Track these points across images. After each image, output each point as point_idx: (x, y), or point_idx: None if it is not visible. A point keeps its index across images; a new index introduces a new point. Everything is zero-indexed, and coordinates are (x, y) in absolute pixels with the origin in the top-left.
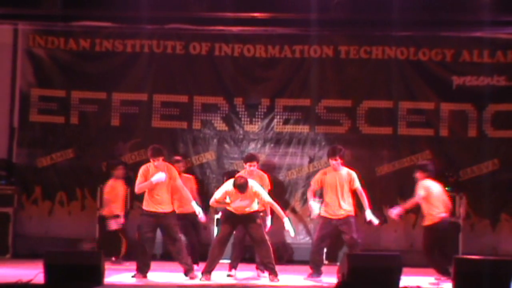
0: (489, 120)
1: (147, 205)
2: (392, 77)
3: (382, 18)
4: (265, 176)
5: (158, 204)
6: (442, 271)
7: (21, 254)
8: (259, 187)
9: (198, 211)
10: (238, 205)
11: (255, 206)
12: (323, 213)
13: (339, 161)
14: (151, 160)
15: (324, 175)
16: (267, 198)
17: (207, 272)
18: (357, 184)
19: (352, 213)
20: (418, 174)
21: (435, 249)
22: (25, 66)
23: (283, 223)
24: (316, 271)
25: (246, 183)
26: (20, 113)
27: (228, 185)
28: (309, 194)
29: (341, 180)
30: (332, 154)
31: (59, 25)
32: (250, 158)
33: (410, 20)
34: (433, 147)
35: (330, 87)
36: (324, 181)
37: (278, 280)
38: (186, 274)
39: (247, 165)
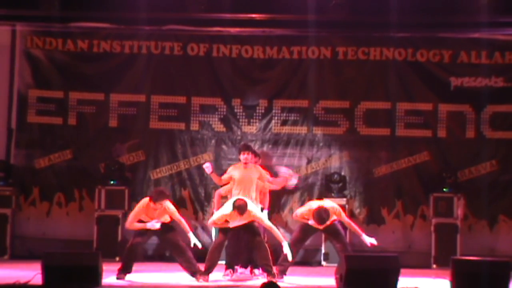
0: (487, 121)
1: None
2: (390, 78)
3: (380, 19)
4: (259, 167)
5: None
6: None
7: (19, 255)
8: (258, 210)
9: (194, 242)
10: (236, 224)
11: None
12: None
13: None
14: (152, 203)
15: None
16: (267, 222)
17: (205, 273)
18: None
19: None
20: None
21: None
22: (23, 67)
23: (282, 246)
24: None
25: (245, 204)
26: (18, 114)
27: (227, 208)
28: None
29: None
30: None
31: (57, 26)
32: (244, 148)
33: (408, 22)
34: (431, 148)
35: (328, 88)
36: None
37: (276, 281)
38: (193, 275)
39: (241, 156)
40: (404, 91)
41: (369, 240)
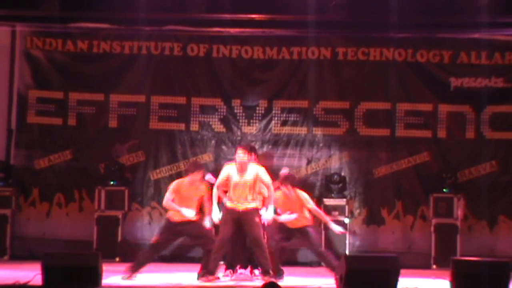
0: (487, 121)
1: (173, 215)
2: (390, 79)
3: (380, 19)
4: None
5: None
6: None
7: (19, 256)
8: (259, 168)
9: (207, 223)
10: (240, 182)
11: (255, 202)
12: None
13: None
14: (189, 175)
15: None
16: (267, 179)
17: (208, 273)
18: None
19: (310, 223)
20: None
21: None
22: (22, 67)
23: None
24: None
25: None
26: (17, 114)
27: (228, 167)
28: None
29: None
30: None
31: (56, 27)
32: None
33: (408, 22)
34: (431, 148)
35: (328, 89)
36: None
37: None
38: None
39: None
40: (404, 91)
41: (337, 229)
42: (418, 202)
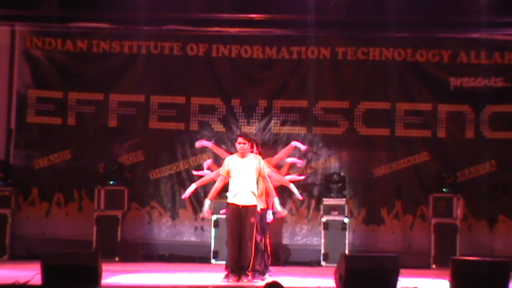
0: (487, 121)
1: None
2: (389, 78)
3: (380, 19)
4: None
5: None
6: None
7: (19, 256)
8: (260, 158)
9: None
10: (240, 169)
11: (255, 196)
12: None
13: None
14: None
15: None
16: (267, 170)
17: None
18: None
19: None
20: None
21: None
22: (22, 67)
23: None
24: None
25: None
26: (17, 114)
27: (228, 158)
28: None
29: None
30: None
31: (56, 26)
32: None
33: (407, 22)
34: (431, 148)
35: (328, 89)
36: None
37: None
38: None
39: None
40: (404, 91)
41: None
42: (418, 202)
